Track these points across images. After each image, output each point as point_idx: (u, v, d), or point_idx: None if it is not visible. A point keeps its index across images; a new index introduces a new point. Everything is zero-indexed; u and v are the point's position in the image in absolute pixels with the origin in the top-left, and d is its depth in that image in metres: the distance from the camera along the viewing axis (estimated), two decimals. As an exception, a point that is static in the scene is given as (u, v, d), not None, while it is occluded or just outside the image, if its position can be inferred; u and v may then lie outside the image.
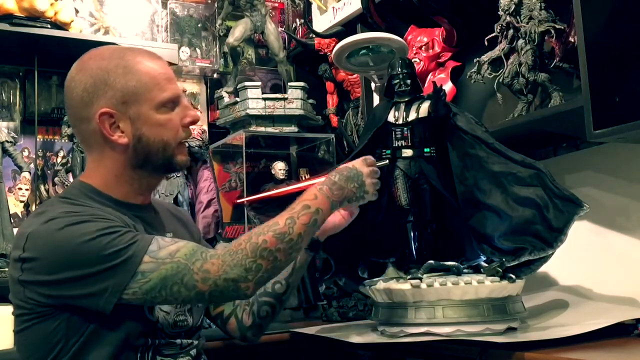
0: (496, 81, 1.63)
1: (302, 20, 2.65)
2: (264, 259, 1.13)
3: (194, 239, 1.40)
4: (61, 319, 1.13)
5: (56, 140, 2.32)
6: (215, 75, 2.65)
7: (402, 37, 1.91)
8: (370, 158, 1.36)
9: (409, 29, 2.00)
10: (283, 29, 2.71)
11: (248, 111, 2.27)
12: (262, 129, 2.31)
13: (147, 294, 1.11)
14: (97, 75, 1.21)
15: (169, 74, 1.27)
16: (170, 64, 2.09)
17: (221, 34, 2.57)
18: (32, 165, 2.21)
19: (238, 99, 2.32)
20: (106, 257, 1.09)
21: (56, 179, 2.23)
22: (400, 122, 1.51)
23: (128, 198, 1.26)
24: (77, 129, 1.27)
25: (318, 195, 1.25)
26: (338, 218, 1.44)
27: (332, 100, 2.51)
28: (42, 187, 2.24)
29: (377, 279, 1.49)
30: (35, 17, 2.08)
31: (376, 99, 2.09)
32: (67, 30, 2.15)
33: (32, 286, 1.13)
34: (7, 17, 2.05)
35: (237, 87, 2.35)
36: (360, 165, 1.34)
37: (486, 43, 1.67)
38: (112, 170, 1.25)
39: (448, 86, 1.88)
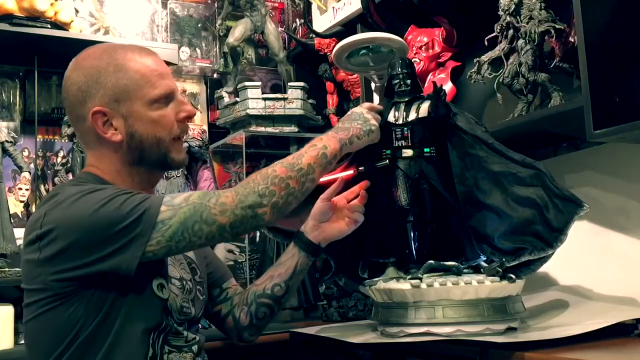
0: (496, 81, 1.63)
1: (302, 20, 2.65)
2: (276, 185, 1.17)
3: None
4: (82, 298, 1.14)
5: (56, 140, 2.32)
6: (215, 75, 2.65)
7: (402, 37, 1.91)
8: (366, 103, 1.45)
9: (409, 29, 2.00)
10: (283, 29, 2.71)
11: (248, 111, 2.27)
12: (262, 129, 2.31)
13: (170, 240, 1.13)
14: (90, 74, 1.24)
15: (161, 70, 1.27)
16: (170, 64, 2.09)
17: (221, 34, 2.57)
18: (32, 165, 2.21)
19: (238, 99, 2.32)
20: (126, 215, 1.11)
21: (56, 179, 2.23)
22: (400, 122, 1.51)
23: None
24: (75, 127, 1.30)
25: (324, 137, 1.31)
26: (342, 224, 1.44)
27: (332, 100, 2.51)
28: (42, 187, 2.24)
29: (377, 279, 1.49)
30: (35, 17, 2.08)
31: (376, 99, 2.09)
32: (67, 30, 2.15)
33: (54, 261, 1.13)
34: (7, 17, 2.05)
35: (237, 87, 2.35)
36: (359, 107, 1.44)
37: (486, 43, 1.67)
38: (111, 166, 1.27)
39: (448, 86, 1.88)
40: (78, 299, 1.14)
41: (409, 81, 1.54)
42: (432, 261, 1.42)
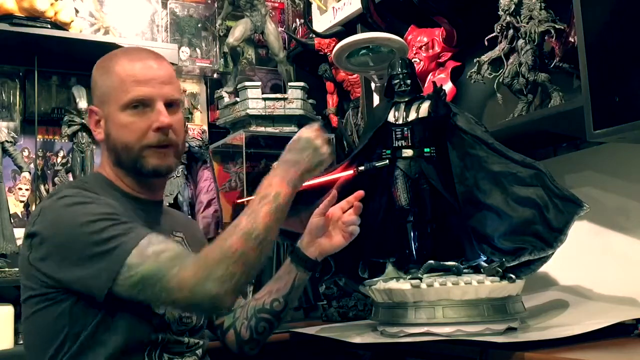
0: (496, 81, 1.63)
1: (302, 20, 2.65)
2: (235, 263, 1.10)
3: (202, 242, 1.43)
4: (65, 304, 1.14)
5: (56, 140, 2.32)
6: (215, 75, 2.65)
7: (402, 37, 1.91)
8: (315, 125, 1.30)
9: (409, 29, 2.00)
10: (283, 29, 2.71)
11: (248, 111, 2.27)
12: (262, 129, 2.31)
13: (133, 288, 1.10)
14: (93, 75, 1.31)
15: (143, 76, 1.25)
16: (170, 64, 2.09)
17: (221, 34, 2.57)
18: (32, 165, 2.21)
19: (238, 99, 2.31)
20: (101, 243, 1.11)
21: (56, 179, 2.23)
22: (400, 122, 1.51)
23: (133, 192, 1.30)
24: None
25: (272, 181, 1.21)
26: (338, 239, 1.42)
27: (332, 100, 2.51)
28: (42, 187, 2.24)
29: (377, 279, 1.49)
30: (35, 17, 2.08)
31: (376, 99, 2.09)
32: (67, 30, 2.15)
33: (40, 263, 1.15)
34: (7, 17, 2.05)
35: (237, 87, 2.35)
36: (306, 131, 1.28)
37: (486, 43, 1.67)
38: (109, 164, 1.31)
39: (448, 86, 1.88)
40: (62, 304, 1.15)
41: (409, 81, 1.54)
42: (432, 261, 1.42)
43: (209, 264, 1.10)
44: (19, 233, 1.84)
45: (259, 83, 2.37)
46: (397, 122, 1.51)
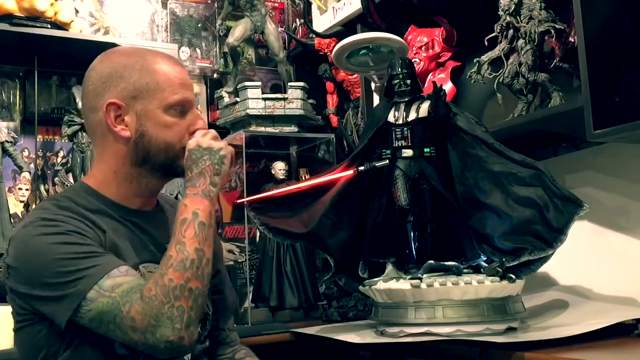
0: (496, 81, 1.63)
1: (302, 20, 2.65)
2: (181, 299, 1.06)
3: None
4: (42, 326, 1.14)
5: (56, 140, 2.32)
6: (215, 75, 2.65)
7: (402, 37, 1.91)
8: (198, 132, 1.24)
9: (409, 29, 2.00)
10: (283, 29, 2.71)
11: (248, 111, 2.27)
12: (262, 129, 2.31)
13: (92, 322, 1.08)
14: (115, 68, 1.24)
15: (184, 80, 1.26)
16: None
17: (221, 34, 2.57)
18: (32, 165, 2.21)
19: (238, 99, 2.32)
20: (66, 274, 1.08)
21: (56, 179, 2.23)
22: (400, 122, 1.51)
23: (124, 200, 1.25)
24: (86, 119, 1.29)
25: (186, 202, 1.17)
26: None
27: (332, 100, 2.51)
28: (42, 187, 2.24)
29: (377, 279, 1.49)
30: (35, 17, 2.08)
31: (376, 99, 2.09)
32: (67, 30, 2.15)
33: (13, 292, 1.15)
34: (7, 17, 2.05)
35: (237, 87, 2.35)
36: (190, 143, 1.22)
37: (486, 43, 1.67)
38: (111, 165, 1.25)
39: (448, 86, 1.88)
40: (39, 326, 1.14)
41: (409, 81, 1.54)
42: (432, 261, 1.42)
43: (154, 306, 1.05)
44: (19, 233, 1.83)
45: (259, 83, 2.37)
46: (397, 122, 1.51)
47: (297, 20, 2.73)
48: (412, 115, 1.51)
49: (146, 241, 1.24)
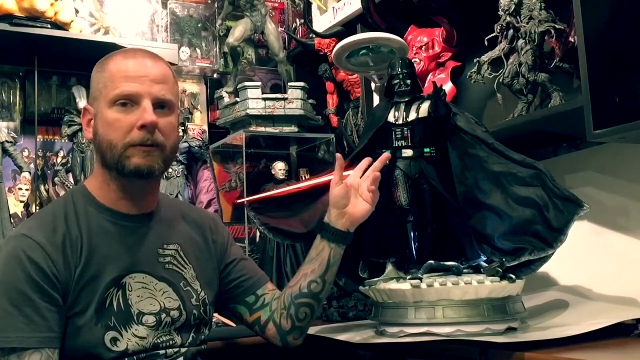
0: (496, 81, 1.63)
1: (302, 20, 2.65)
2: None
3: (207, 245, 1.38)
4: None
5: (56, 140, 2.32)
6: (215, 75, 2.65)
7: (402, 37, 1.91)
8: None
9: (409, 29, 2.00)
10: (283, 29, 2.71)
11: (248, 111, 2.27)
12: (262, 129, 2.31)
13: None
14: (93, 71, 1.27)
15: (134, 72, 1.20)
16: (170, 64, 2.09)
17: (221, 34, 2.57)
18: (32, 165, 2.21)
19: (238, 99, 2.32)
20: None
21: (56, 179, 2.23)
22: (400, 122, 1.51)
23: (113, 204, 1.24)
24: None
25: None
26: (365, 205, 1.40)
27: (332, 100, 2.51)
28: (42, 187, 2.24)
29: (377, 279, 1.49)
30: (35, 17, 2.08)
31: (376, 99, 2.09)
32: (67, 30, 2.15)
33: None
34: (7, 17, 2.05)
35: (237, 87, 2.35)
36: None
37: (486, 43, 1.67)
38: (96, 169, 1.27)
39: (448, 86, 1.88)
40: None
41: (409, 81, 1.54)
42: (432, 261, 1.42)
43: None
44: (19, 233, 1.83)
45: (259, 83, 2.37)
46: (397, 122, 1.51)
47: (297, 20, 2.73)
48: (412, 115, 1.50)
49: (137, 247, 1.23)
